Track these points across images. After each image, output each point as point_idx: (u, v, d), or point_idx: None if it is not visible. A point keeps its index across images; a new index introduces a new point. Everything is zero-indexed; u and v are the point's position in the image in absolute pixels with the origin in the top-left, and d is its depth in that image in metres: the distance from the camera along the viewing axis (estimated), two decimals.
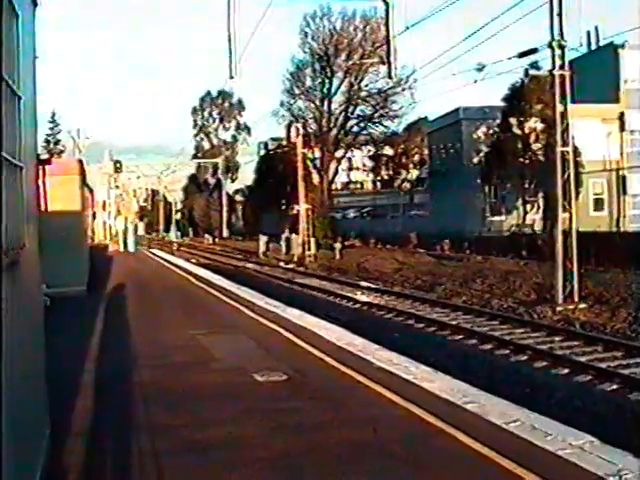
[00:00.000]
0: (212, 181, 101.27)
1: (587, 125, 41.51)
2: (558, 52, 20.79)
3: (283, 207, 66.84)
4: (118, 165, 54.93)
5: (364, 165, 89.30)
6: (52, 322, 7.07)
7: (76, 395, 8.12)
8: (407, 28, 21.25)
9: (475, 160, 52.24)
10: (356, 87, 71.30)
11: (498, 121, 47.27)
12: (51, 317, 7.18)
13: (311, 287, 29.12)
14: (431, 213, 61.86)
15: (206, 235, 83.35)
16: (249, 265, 42.98)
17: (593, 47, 49.37)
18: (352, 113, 72.86)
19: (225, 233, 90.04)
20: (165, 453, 6.17)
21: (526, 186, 45.56)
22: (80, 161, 23.98)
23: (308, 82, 72.81)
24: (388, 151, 79.89)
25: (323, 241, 50.97)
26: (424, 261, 38.54)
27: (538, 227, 43.52)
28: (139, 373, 9.37)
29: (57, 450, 5.97)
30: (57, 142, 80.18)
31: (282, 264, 42.89)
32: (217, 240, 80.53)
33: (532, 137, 44.28)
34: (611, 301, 20.52)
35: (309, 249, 43.44)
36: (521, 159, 44.59)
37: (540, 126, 42.89)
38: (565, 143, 21.13)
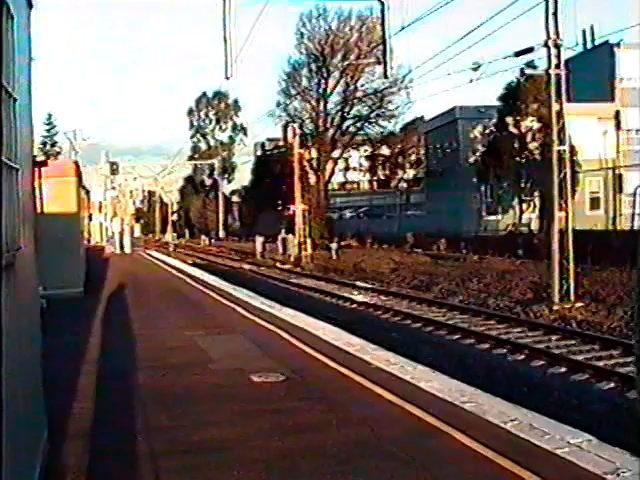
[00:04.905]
0: (209, 182, 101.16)
1: (583, 124, 41.55)
2: (554, 51, 20.80)
3: (279, 207, 66.85)
4: (114, 166, 54.84)
5: (361, 165, 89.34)
6: (49, 324, 7.05)
7: (74, 397, 8.11)
8: (403, 28, 21.28)
9: (471, 159, 52.29)
10: (352, 87, 71.35)
11: (494, 120, 47.29)
12: (48, 319, 7.16)
13: (308, 287, 29.10)
14: (428, 213, 61.85)
15: (202, 236, 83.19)
16: (245, 266, 42.93)
17: (589, 46, 49.38)
18: (348, 113, 72.92)
19: (222, 234, 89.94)
20: (162, 454, 6.16)
21: (522, 185, 45.59)
22: (76, 163, 23.95)
23: (304, 82, 72.91)
24: (384, 151, 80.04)
25: (320, 241, 50.98)
26: (421, 261, 38.55)
27: (534, 226, 43.56)
28: (136, 375, 9.36)
29: (55, 451, 5.96)
30: (53, 144, 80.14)
31: (278, 264, 42.87)
32: (213, 241, 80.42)
33: (528, 136, 44.32)
34: (608, 300, 20.54)
35: (305, 249, 43.40)
36: (517, 158, 44.62)
37: (536, 125, 42.94)
38: (561, 142, 21.14)
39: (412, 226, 56.33)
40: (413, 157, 78.96)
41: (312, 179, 67.12)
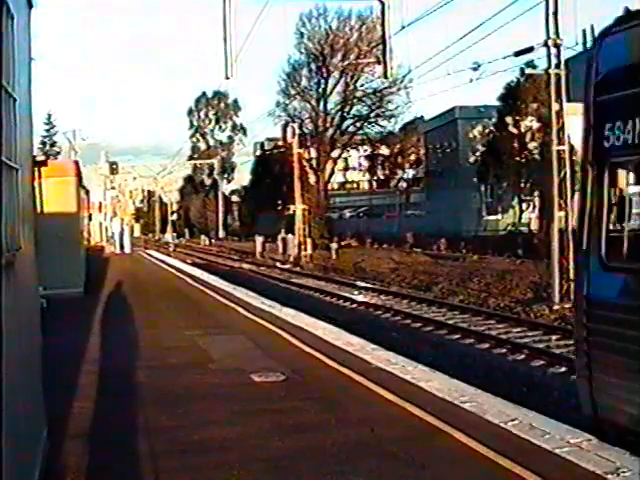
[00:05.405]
0: (208, 182, 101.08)
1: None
2: (554, 51, 20.82)
3: (279, 207, 66.87)
4: (114, 166, 54.82)
5: (360, 165, 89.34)
6: (49, 324, 7.06)
7: (74, 396, 8.10)
8: (403, 28, 21.27)
9: (471, 159, 52.38)
10: (352, 87, 71.33)
11: (494, 120, 47.35)
12: (48, 319, 7.16)
13: (308, 287, 29.09)
14: (427, 213, 61.88)
15: (202, 236, 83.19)
16: (245, 266, 42.94)
17: (589, 46, 49.37)
18: (348, 113, 72.92)
19: (221, 234, 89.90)
20: (162, 454, 6.16)
21: (522, 185, 45.64)
22: (76, 163, 23.93)
23: (304, 82, 72.92)
24: (384, 151, 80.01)
25: (319, 241, 50.99)
26: (420, 261, 38.55)
27: (534, 226, 43.57)
28: (137, 374, 9.36)
29: (56, 451, 5.95)
30: (53, 144, 79.85)
31: (278, 264, 42.86)
32: (213, 241, 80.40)
33: (528, 136, 44.35)
34: None
35: (305, 249, 43.42)
36: (517, 158, 44.66)
37: (536, 125, 42.96)
38: (561, 142, 21.13)
39: (412, 226, 56.35)
40: (413, 157, 78.95)
41: (312, 179, 67.12)
